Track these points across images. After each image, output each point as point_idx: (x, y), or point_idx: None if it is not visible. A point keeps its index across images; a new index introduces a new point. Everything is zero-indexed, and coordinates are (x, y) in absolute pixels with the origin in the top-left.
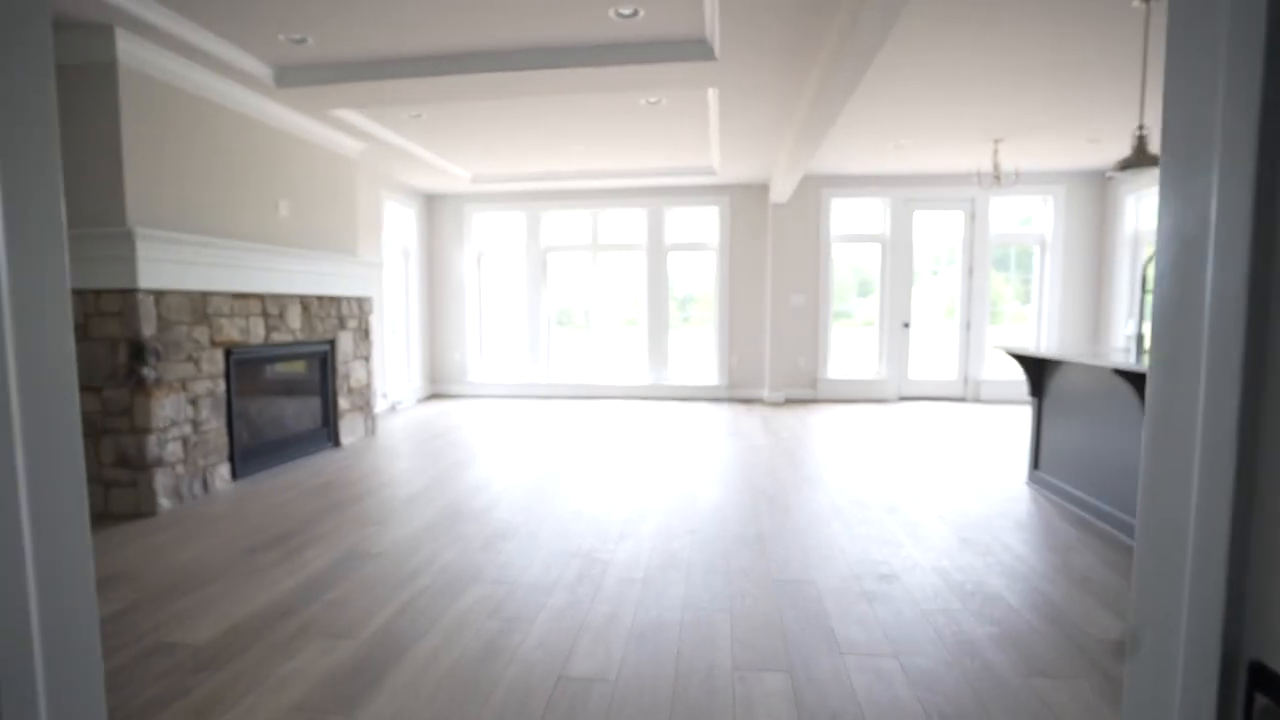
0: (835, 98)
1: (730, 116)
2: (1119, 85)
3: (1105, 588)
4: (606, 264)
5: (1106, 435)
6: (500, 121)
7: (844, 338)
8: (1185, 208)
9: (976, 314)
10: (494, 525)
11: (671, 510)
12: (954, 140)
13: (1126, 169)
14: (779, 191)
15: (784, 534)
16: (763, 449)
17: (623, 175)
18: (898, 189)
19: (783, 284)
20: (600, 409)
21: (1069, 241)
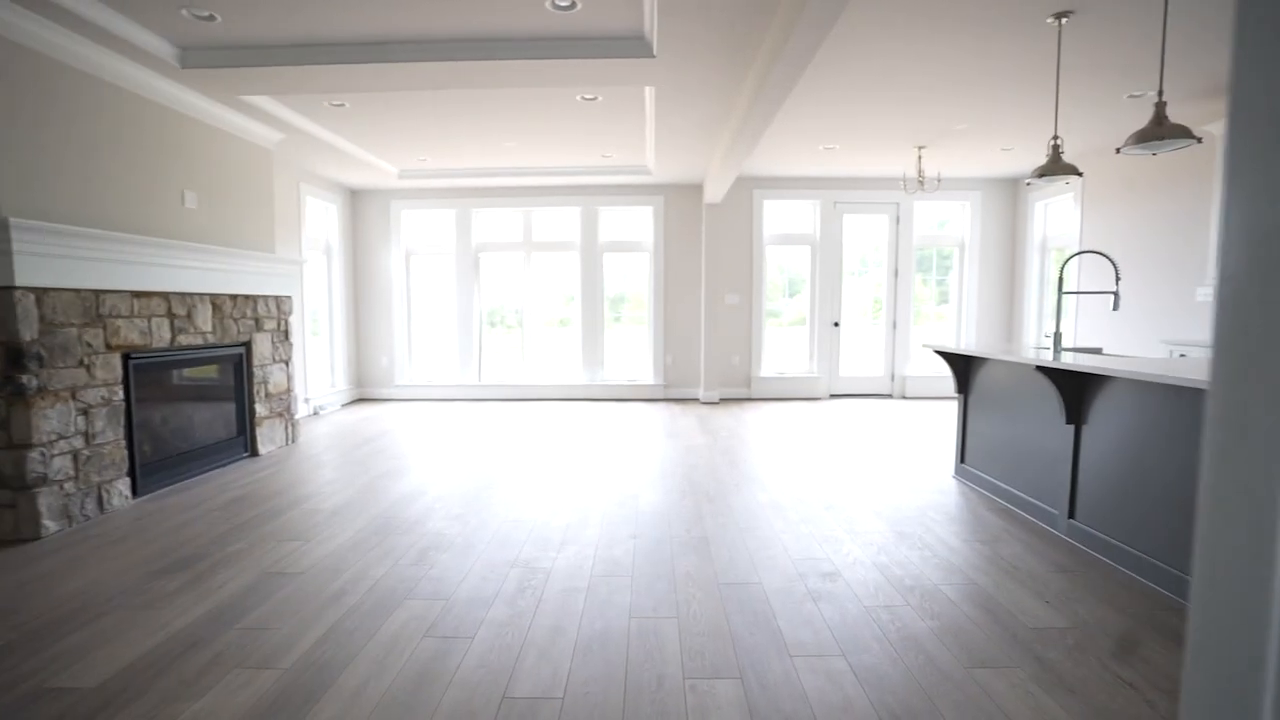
0: (772, 99)
1: (667, 115)
2: (1032, 97)
3: (1032, 576)
4: (540, 263)
5: (1028, 429)
6: (430, 114)
7: (776, 337)
8: (1260, 199)
9: (902, 314)
10: (427, 536)
11: (613, 514)
12: (881, 145)
13: (1044, 175)
14: (713, 192)
15: (727, 535)
16: (701, 449)
17: (557, 173)
18: (827, 191)
19: (717, 284)
20: (535, 411)
21: (985, 245)
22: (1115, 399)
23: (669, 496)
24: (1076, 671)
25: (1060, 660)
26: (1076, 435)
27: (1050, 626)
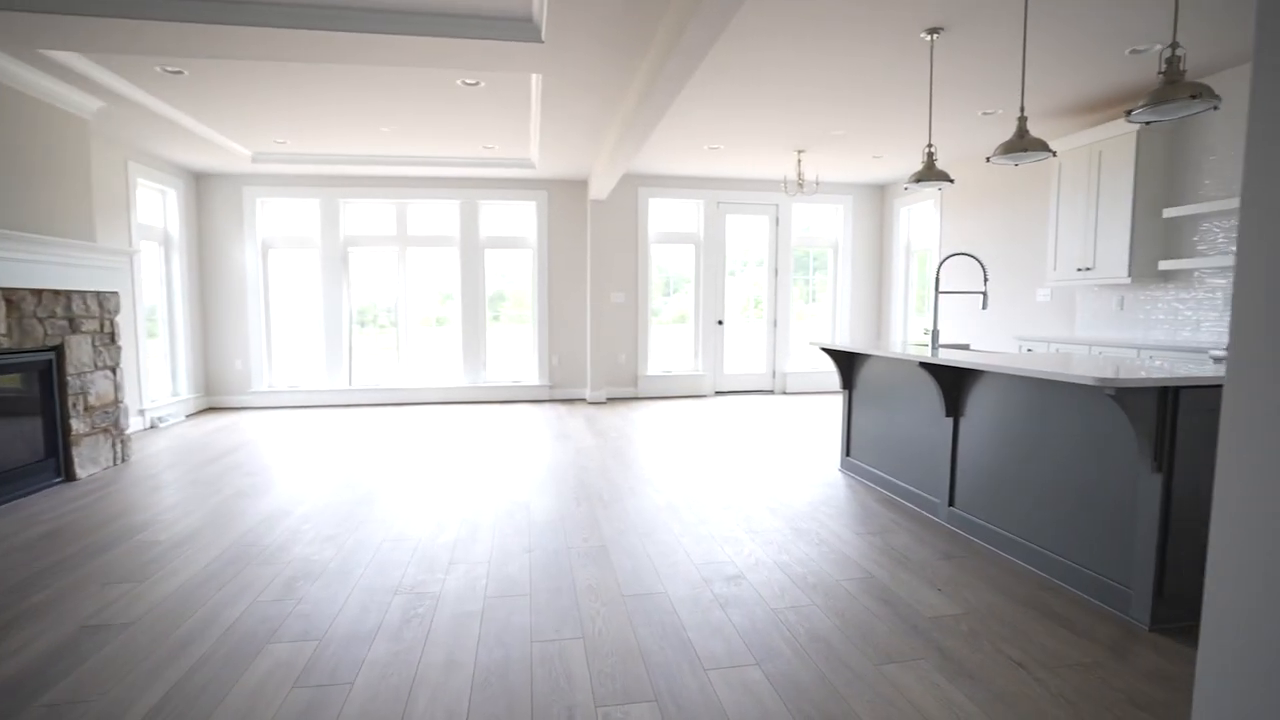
0: (663, 95)
1: (554, 107)
2: (904, 108)
3: (923, 565)
4: (416, 259)
5: (910, 422)
6: (289, 90)
7: (662, 335)
8: None
9: (782, 312)
10: (294, 565)
11: (504, 526)
12: (764, 147)
13: (920, 181)
14: (598, 188)
15: (626, 542)
16: (591, 451)
17: (435, 163)
18: (711, 191)
19: (602, 282)
20: (414, 416)
21: (856, 247)
22: (988, 392)
23: (563, 503)
24: (974, 658)
25: (959, 648)
26: (955, 427)
27: (945, 614)
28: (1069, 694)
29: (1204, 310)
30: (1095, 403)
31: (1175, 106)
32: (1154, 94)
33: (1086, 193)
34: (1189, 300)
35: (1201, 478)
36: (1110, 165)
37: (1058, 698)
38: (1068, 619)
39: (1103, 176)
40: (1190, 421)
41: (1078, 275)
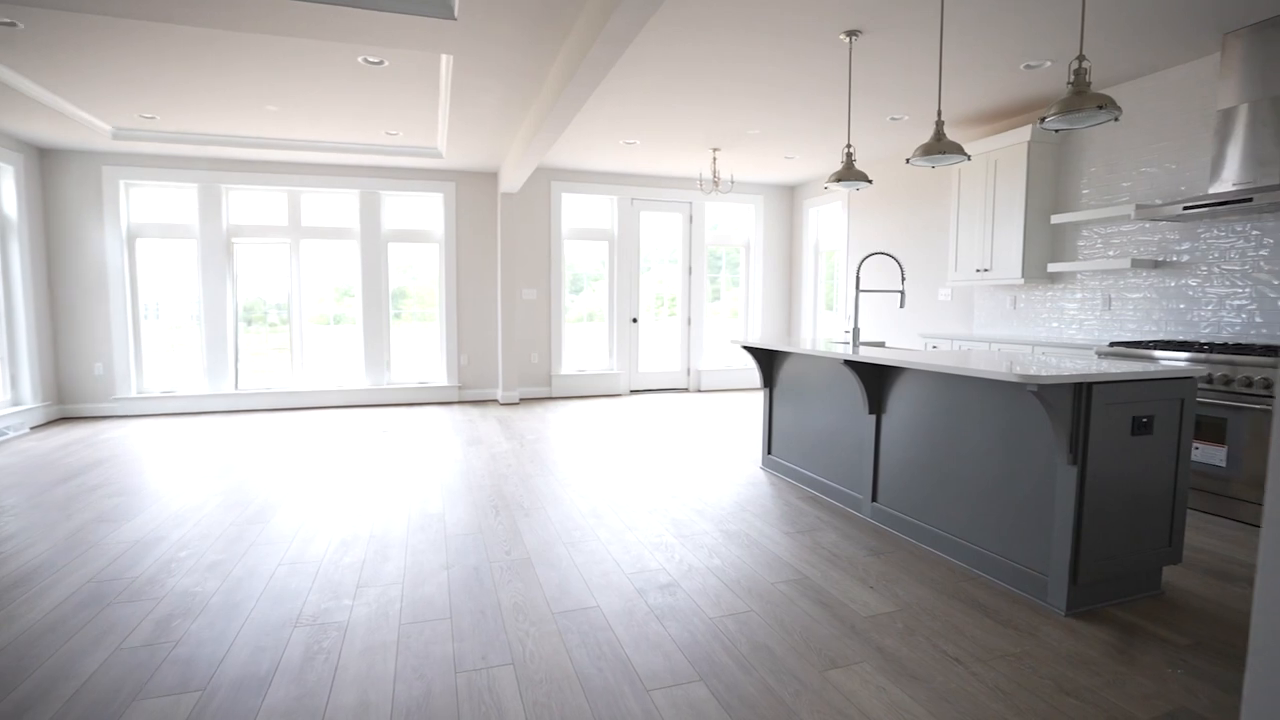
0: (584, 84)
1: (465, 91)
2: (819, 109)
3: (852, 562)
4: (312, 253)
5: (833, 419)
6: (157, 57)
7: (576, 333)
8: None
9: (696, 310)
10: (169, 600)
11: (417, 542)
12: (680, 143)
13: (840, 181)
14: (510, 181)
15: (552, 553)
16: (507, 455)
17: (332, 149)
18: (625, 187)
19: (514, 278)
20: (311, 422)
21: (767, 246)
22: (909, 389)
23: (480, 513)
24: (914, 656)
25: (897, 647)
26: (877, 424)
27: (880, 612)
28: (1004, 686)
29: (1086, 309)
30: (1014, 399)
31: (1083, 115)
32: (1064, 103)
33: (984, 198)
34: (1073, 300)
35: (1111, 468)
36: (1005, 173)
37: (995, 691)
38: (991, 608)
39: (998, 183)
40: (1102, 415)
41: (976, 276)
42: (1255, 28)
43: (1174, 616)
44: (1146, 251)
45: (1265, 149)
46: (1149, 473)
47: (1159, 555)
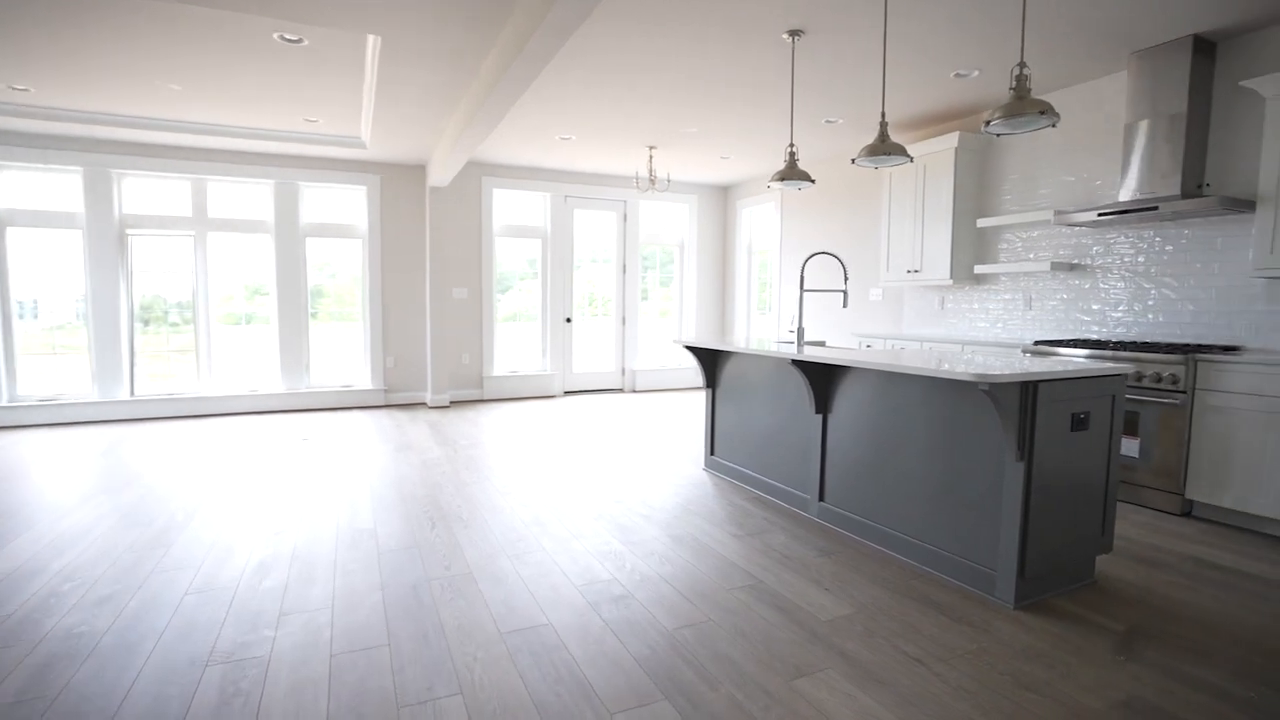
0: (521, 76)
1: (394, 77)
2: (757, 109)
3: (805, 564)
4: (220, 247)
5: (778, 419)
6: (34, 20)
7: (508, 333)
8: None
9: (630, 309)
10: (49, 643)
11: (347, 561)
12: (616, 140)
13: (784, 180)
14: (439, 175)
15: (495, 567)
16: (441, 462)
17: (244, 135)
18: (559, 184)
19: (443, 276)
20: (221, 430)
21: (701, 246)
22: (856, 389)
23: (415, 526)
24: (876, 660)
25: (860, 651)
26: (824, 424)
27: (838, 615)
28: (966, 685)
29: (1010, 309)
30: (960, 397)
31: (1026, 120)
32: (1007, 107)
33: (914, 201)
34: (998, 300)
35: (1053, 464)
36: (933, 178)
37: (959, 691)
38: (944, 605)
39: (927, 187)
40: (1046, 413)
41: (907, 276)
42: (1156, 49)
43: (1110, 604)
44: (1064, 255)
45: (1165, 162)
46: (1085, 466)
47: (1093, 545)
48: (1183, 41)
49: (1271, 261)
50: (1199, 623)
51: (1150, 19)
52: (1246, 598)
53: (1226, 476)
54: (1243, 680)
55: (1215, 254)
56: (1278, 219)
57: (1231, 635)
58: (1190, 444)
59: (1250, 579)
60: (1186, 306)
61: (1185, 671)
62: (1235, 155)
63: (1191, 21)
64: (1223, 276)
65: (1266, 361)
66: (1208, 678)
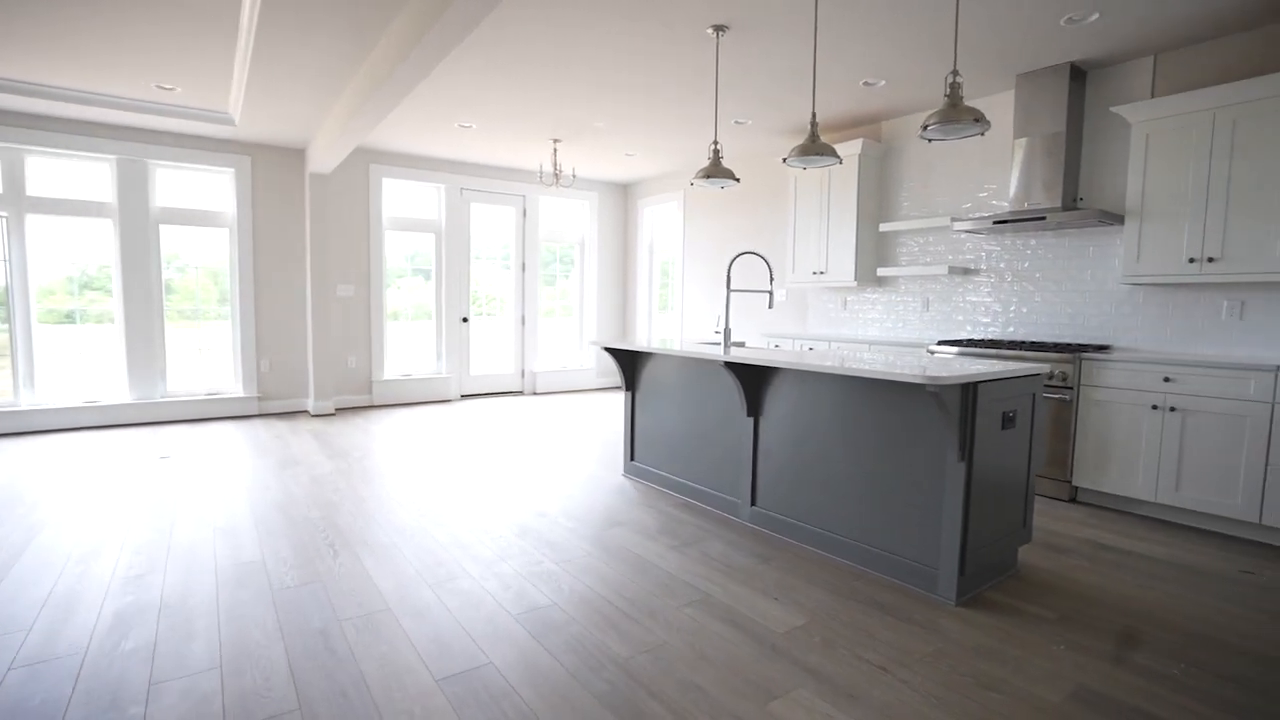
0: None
1: (275, 43)
2: (674, 105)
3: (748, 573)
4: (43, 231)
5: (705, 422)
6: None
7: (400, 334)
8: None
9: (530, 308)
10: None
11: (232, 606)
12: (519, 132)
13: (709, 178)
14: (322, 160)
15: (417, 599)
16: (334, 477)
17: (77, 99)
18: (455, 176)
19: (327, 272)
20: (49, 449)
21: (602, 244)
22: (788, 390)
23: (313, 555)
24: (843, 672)
25: (824, 664)
26: (755, 426)
27: (793, 626)
28: (934, 690)
29: (909, 311)
30: (899, 399)
31: (960, 127)
32: (943, 114)
33: (819, 205)
34: (896, 302)
35: (988, 462)
36: (838, 182)
37: (929, 698)
38: (890, 606)
39: (833, 191)
40: (984, 413)
41: (813, 278)
42: (1038, 73)
43: (1034, 593)
44: (959, 260)
45: (1047, 176)
46: (1012, 462)
47: (1017, 537)
48: (1061, 68)
49: (1137, 269)
50: (1111, 605)
51: (1033, 47)
52: (1141, 577)
53: (1106, 463)
54: (1163, 658)
55: (1088, 261)
56: (1142, 232)
57: (1139, 614)
58: (1076, 435)
59: (1139, 558)
60: (1065, 309)
61: (1115, 655)
62: (1104, 172)
63: (1066, 51)
64: (1094, 282)
65: (1137, 359)
66: (1135, 659)
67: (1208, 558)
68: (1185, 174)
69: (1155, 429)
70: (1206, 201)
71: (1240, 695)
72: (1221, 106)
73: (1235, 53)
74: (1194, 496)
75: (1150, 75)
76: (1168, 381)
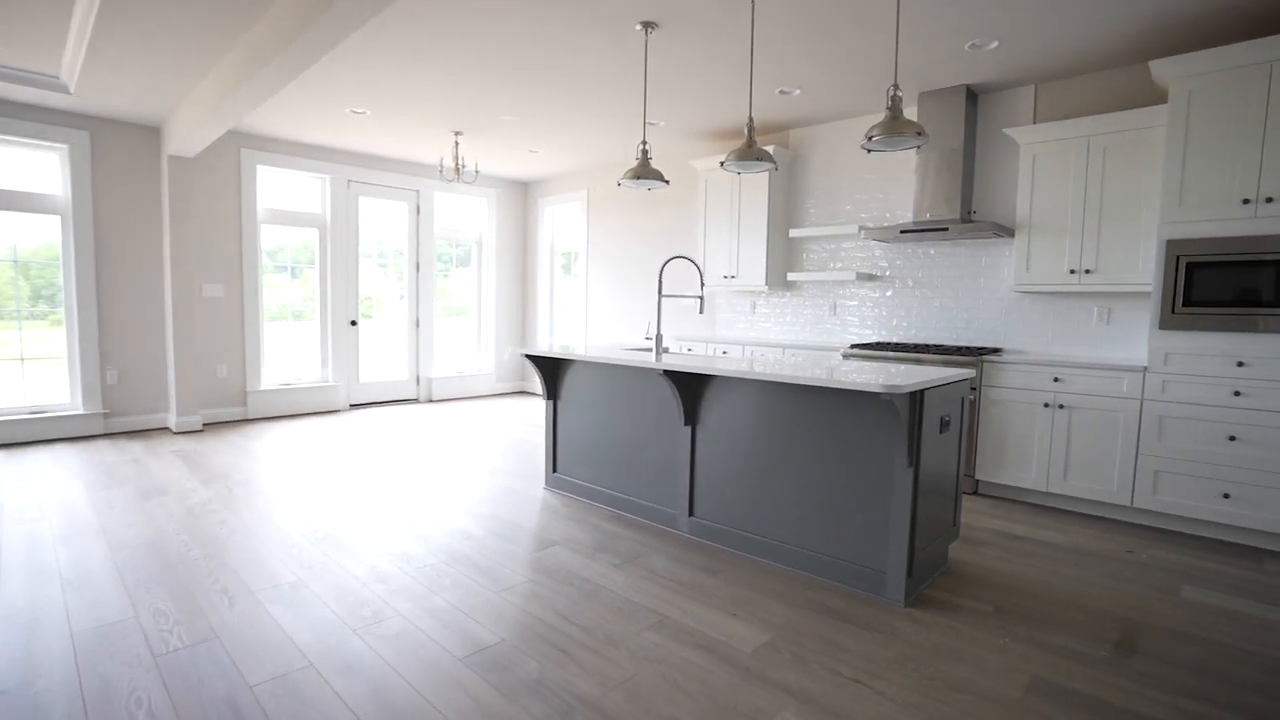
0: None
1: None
2: (590, 101)
3: (699, 589)
4: None
5: (638, 431)
6: None
7: (279, 339)
8: None
9: (425, 310)
10: None
11: (101, 682)
12: (418, 121)
13: (638, 179)
14: (184, 141)
15: (345, 650)
16: (213, 507)
17: None
18: (342, 167)
19: (191, 269)
20: None
21: (501, 243)
22: (726, 398)
23: (206, 608)
24: (820, 689)
25: (800, 682)
26: (693, 435)
27: (760, 644)
28: (911, 699)
29: (816, 315)
30: (843, 406)
31: (903, 139)
32: (886, 126)
33: (730, 209)
34: (805, 306)
35: (930, 464)
36: (749, 187)
37: (908, 707)
38: (845, 613)
39: (743, 196)
40: (928, 418)
41: (724, 281)
42: (939, 92)
43: (968, 587)
44: (865, 266)
45: (947, 189)
46: (946, 464)
47: (949, 535)
48: (959, 89)
49: (1027, 279)
50: (1034, 594)
51: (937, 68)
52: (1050, 563)
53: (1004, 457)
54: (1090, 641)
55: (981, 270)
56: (1031, 244)
57: (1059, 600)
58: (978, 433)
59: (1043, 545)
60: (962, 314)
61: (1052, 642)
62: (993, 187)
63: (964, 74)
64: (987, 289)
65: (1032, 361)
66: (1068, 644)
67: (1096, 540)
68: (1066, 193)
69: (1046, 425)
70: (1084, 218)
71: (1164, 670)
72: (1095, 134)
73: (1105, 87)
74: (1078, 484)
75: (1033, 101)
76: (1057, 381)
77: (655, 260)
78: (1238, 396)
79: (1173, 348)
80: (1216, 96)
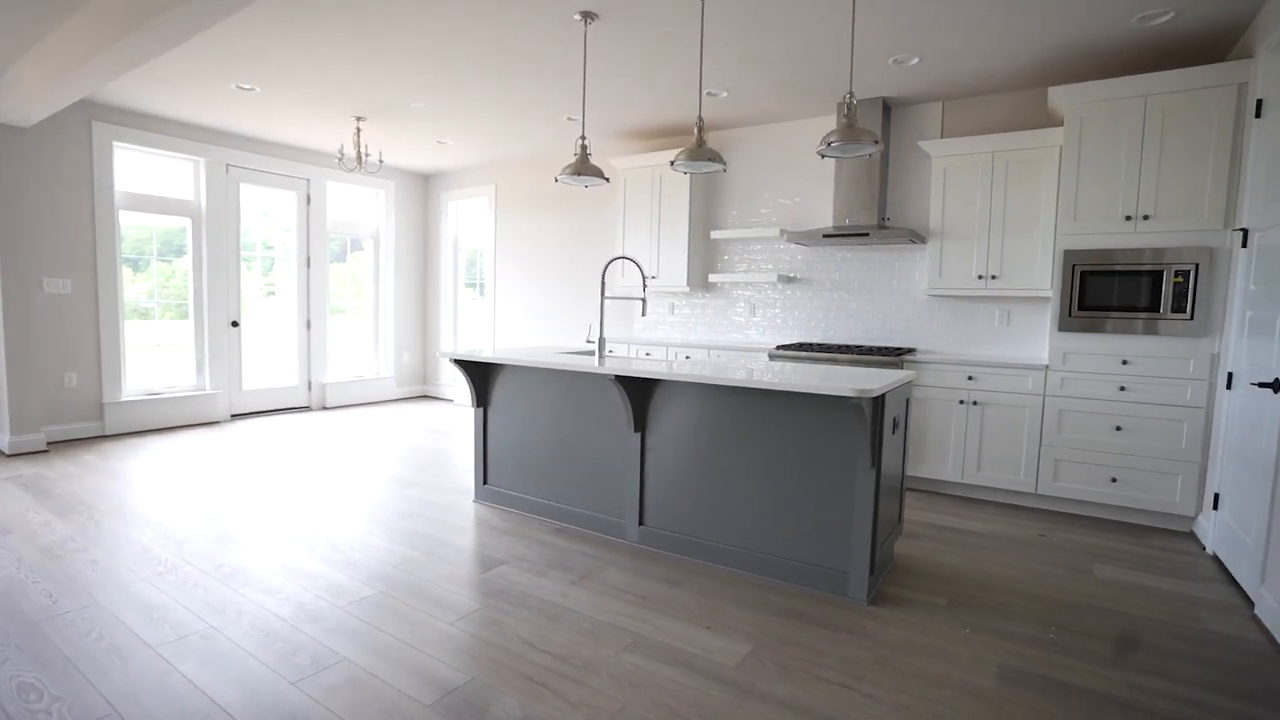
0: None
1: None
2: (513, 92)
3: (665, 601)
4: None
5: (582, 439)
6: None
7: (143, 342)
8: None
9: (317, 310)
10: None
11: None
12: (315, 102)
13: (579, 175)
14: (18, 109)
15: (283, 708)
16: (78, 545)
17: None
18: (221, 149)
19: (29, 261)
20: None
21: (399, 239)
22: (675, 403)
23: (95, 675)
24: (810, 698)
25: (790, 692)
26: (642, 442)
27: (741, 656)
28: (899, 700)
29: (735, 316)
30: (799, 409)
31: (859, 145)
32: (843, 133)
33: (650, 209)
34: (724, 307)
35: (886, 466)
36: (669, 188)
37: (899, 708)
38: (814, 616)
39: (663, 197)
40: (886, 421)
41: (646, 282)
42: (859, 102)
43: (919, 581)
44: (784, 269)
45: (864, 196)
46: (895, 464)
47: (897, 532)
48: (876, 101)
49: (940, 284)
50: (977, 583)
51: (859, 80)
52: (980, 551)
53: (924, 451)
54: (1036, 624)
55: (894, 274)
56: (943, 251)
57: (999, 588)
58: None
59: (970, 535)
60: (878, 316)
61: (1006, 630)
62: (906, 196)
63: (881, 88)
64: (900, 292)
65: (947, 360)
66: (1020, 630)
67: (1013, 527)
68: (974, 203)
69: (961, 420)
70: (989, 228)
71: (1104, 649)
72: (998, 151)
73: (1009, 108)
74: (990, 475)
75: (940, 117)
76: (971, 379)
77: (569, 261)
78: (1123, 391)
79: (1070, 348)
80: (1103, 123)
